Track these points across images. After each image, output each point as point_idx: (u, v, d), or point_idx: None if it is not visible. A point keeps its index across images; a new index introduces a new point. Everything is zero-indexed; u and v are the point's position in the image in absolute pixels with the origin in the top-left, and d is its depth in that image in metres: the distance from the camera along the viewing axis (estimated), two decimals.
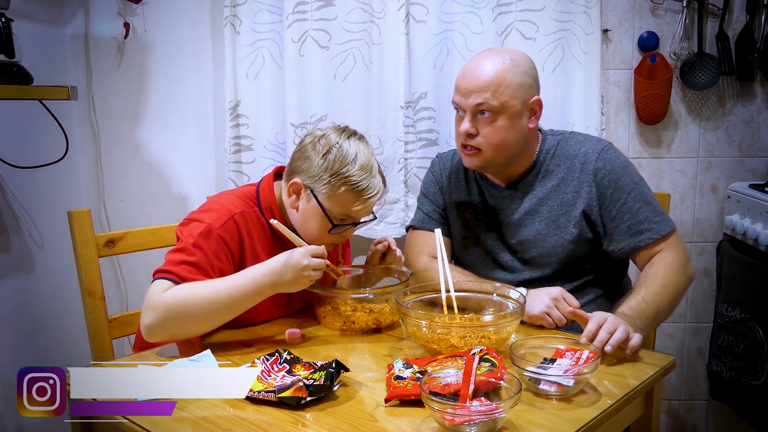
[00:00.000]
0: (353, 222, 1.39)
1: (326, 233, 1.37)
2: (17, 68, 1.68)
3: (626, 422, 1.18)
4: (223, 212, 1.35)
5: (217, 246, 1.31)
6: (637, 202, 1.43)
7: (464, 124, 1.43)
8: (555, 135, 1.55)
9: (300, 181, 1.36)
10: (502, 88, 1.40)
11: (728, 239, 1.91)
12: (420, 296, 1.34)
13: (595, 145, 1.50)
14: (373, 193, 1.35)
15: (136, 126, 2.14)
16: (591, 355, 1.09)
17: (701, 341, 2.12)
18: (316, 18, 1.95)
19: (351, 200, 1.34)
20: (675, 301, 1.38)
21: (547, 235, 1.48)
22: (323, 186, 1.34)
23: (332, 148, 1.34)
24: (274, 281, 1.25)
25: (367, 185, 1.34)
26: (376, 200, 1.38)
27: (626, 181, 1.44)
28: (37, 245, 1.97)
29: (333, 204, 1.35)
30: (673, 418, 2.19)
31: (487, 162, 1.47)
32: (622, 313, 1.27)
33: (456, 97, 1.45)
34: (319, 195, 1.35)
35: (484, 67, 1.42)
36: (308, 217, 1.38)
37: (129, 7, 2.04)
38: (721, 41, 1.95)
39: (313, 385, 1.03)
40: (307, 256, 1.24)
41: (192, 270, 1.27)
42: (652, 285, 1.35)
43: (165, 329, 1.23)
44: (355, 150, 1.35)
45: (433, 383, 1.00)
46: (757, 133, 2.01)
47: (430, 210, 1.62)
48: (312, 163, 1.35)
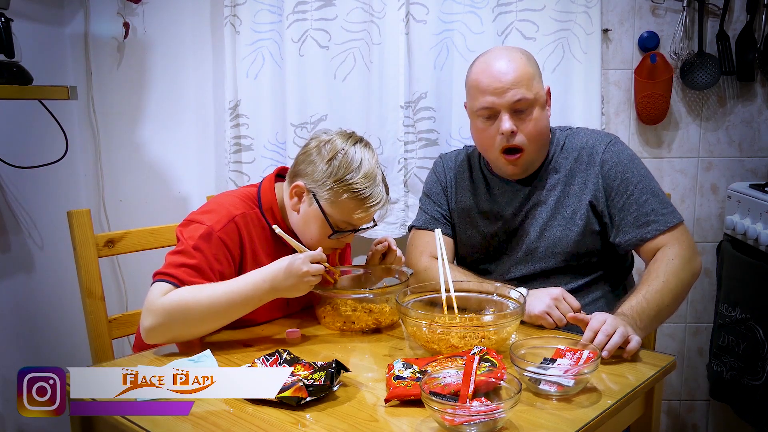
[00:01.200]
0: (354, 228, 1.39)
1: (326, 238, 1.37)
2: (17, 68, 1.68)
3: (626, 422, 1.17)
4: (223, 214, 1.35)
5: (218, 248, 1.31)
6: (645, 194, 1.43)
7: (505, 123, 1.41)
8: (563, 130, 1.56)
9: (303, 184, 1.36)
10: (531, 80, 1.42)
11: (728, 239, 1.91)
12: (420, 296, 1.34)
13: (603, 137, 1.51)
14: (375, 201, 1.35)
15: (136, 126, 2.14)
16: (591, 355, 1.09)
17: (701, 341, 2.12)
18: (316, 18, 1.95)
19: (353, 208, 1.34)
20: (678, 297, 1.37)
21: (554, 226, 1.48)
22: (326, 191, 1.34)
23: (338, 154, 1.34)
24: (274, 287, 1.26)
25: (370, 194, 1.34)
26: (378, 208, 1.38)
27: (633, 173, 1.44)
28: (37, 245, 1.97)
29: (335, 210, 1.35)
30: (673, 418, 2.19)
31: (528, 163, 1.47)
32: (622, 313, 1.27)
33: (488, 99, 1.42)
34: (322, 200, 1.35)
35: (507, 64, 1.42)
36: (309, 220, 1.38)
37: (129, 7, 2.04)
38: (722, 41, 1.95)
39: (313, 385, 1.03)
40: (306, 263, 1.25)
41: (192, 273, 1.27)
42: (654, 282, 1.34)
43: (164, 332, 1.24)
44: (360, 157, 1.34)
45: (433, 383, 1.00)
46: (757, 133, 2.01)
47: (432, 211, 1.62)
48: (316, 167, 1.35)
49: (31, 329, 1.96)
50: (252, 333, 1.36)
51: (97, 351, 1.50)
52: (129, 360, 1.26)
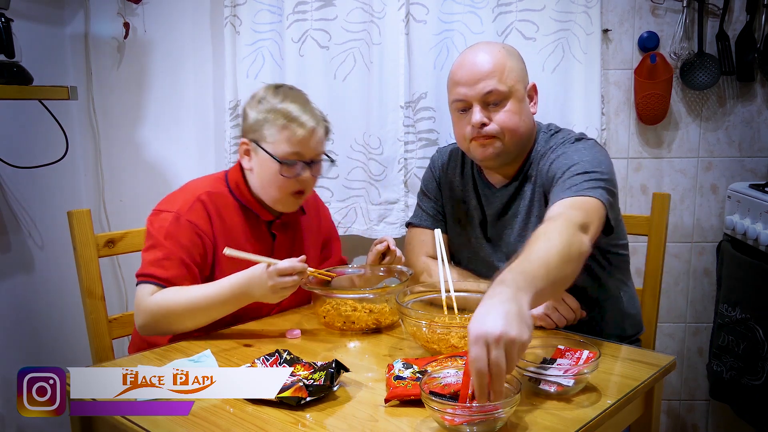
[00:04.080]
0: (303, 160, 1.39)
1: (283, 181, 1.39)
2: (17, 68, 1.68)
3: (626, 422, 1.17)
4: (188, 196, 1.40)
5: (189, 232, 1.36)
6: (578, 174, 1.31)
7: (475, 115, 1.40)
8: (546, 132, 1.52)
9: (246, 140, 1.42)
10: (507, 72, 1.41)
11: (728, 239, 1.91)
12: (420, 296, 1.34)
13: (559, 138, 1.46)
14: (308, 118, 1.38)
15: (136, 126, 2.14)
16: (591, 355, 1.09)
17: (701, 341, 2.12)
18: (316, 18, 1.95)
19: (291, 133, 1.37)
20: (564, 257, 1.10)
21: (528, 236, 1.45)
22: (264, 133, 1.38)
23: (263, 98, 1.41)
24: (248, 294, 1.31)
25: (301, 112, 1.38)
26: (316, 128, 1.39)
27: (573, 159, 1.36)
28: (37, 245, 1.97)
29: (277, 146, 1.38)
30: (673, 418, 2.19)
31: (503, 149, 1.43)
32: (501, 281, 1.00)
33: (460, 90, 1.42)
34: (264, 144, 1.39)
35: (483, 56, 1.42)
36: (262, 171, 1.41)
37: (129, 7, 2.04)
38: (721, 41, 1.95)
39: (313, 385, 1.03)
40: (273, 277, 1.27)
41: (168, 265, 1.32)
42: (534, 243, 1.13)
43: (154, 329, 1.32)
44: (282, 91, 1.42)
45: (433, 383, 1.00)
46: (757, 133, 2.01)
47: (428, 207, 1.62)
48: (249, 117, 1.41)
49: (31, 329, 1.96)
50: (252, 333, 1.36)
51: (98, 351, 1.51)
52: (129, 360, 1.26)
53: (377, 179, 1.98)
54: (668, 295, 2.08)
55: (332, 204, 2.03)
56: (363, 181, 2.02)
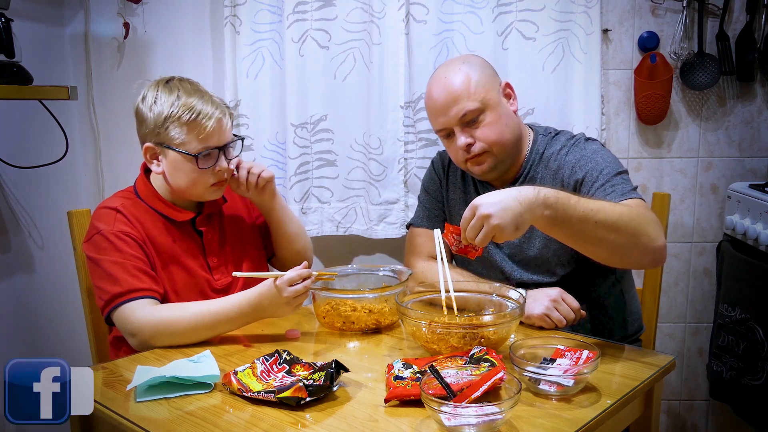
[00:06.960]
0: (217, 147, 1.38)
1: (200, 174, 1.37)
2: (17, 68, 1.68)
3: (626, 422, 1.18)
4: (105, 213, 1.38)
5: (126, 240, 1.34)
6: (613, 177, 1.37)
7: (460, 139, 1.44)
8: (546, 134, 1.54)
9: (149, 144, 1.38)
10: (473, 87, 1.43)
11: (728, 239, 1.91)
12: (420, 296, 1.34)
13: (567, 140, 1.49)
14: (212, 109, 1.36)
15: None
16: (591, 355, 1.09)
17: (701, 341, 2.12)
18: (316, 18, 1.95)
19: (199, 128, 1.35)
20: (613, 222, 1.17)
21: (532, 237, 1.47)
22: (170, 133, 1.35)
23: (156, 99, 1.37)
24: (258, 311, 1.30)
25: (203, 104, 1.36)
26: (222, 117, 1.38)
27: (599, 162, 1.40)
28: (37, 245, 1.98)
29: (188, 143, 1.36)
30: (673, 418, 2.19)
31: (496, 161, 1.46)
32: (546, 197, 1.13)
33: (439, 120, 1.46)
34: (171, 143, 1.36)
35: (446, 82, 1.44)
36: (175, 170, 1.38)
37: (129, 7, 2.04)
38: (721, 41, 1.95)
39: (312, 385, 1.03)
40: (286, 288, 1.26)
41: (140, 275, 1.31)
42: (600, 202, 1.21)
43: (149, 344, 1.29)
44: (176, 86, 1.38)
45: (433, 383, 1.00)
46: (757, 133, 2.01)
47: (430, 207, 1.62)
48: (147, 121, 1.38)
49: (31, 329, 1.96)
50: (252, 333, 1.36)
51: (97, 351, 1.51)
52: (129, 360, 1.26)
53: (377, 179, 1.98)
54: (668, 294, 2.08)
55: (332, 204, 2.03)
56: (363, 181, 2.02)
